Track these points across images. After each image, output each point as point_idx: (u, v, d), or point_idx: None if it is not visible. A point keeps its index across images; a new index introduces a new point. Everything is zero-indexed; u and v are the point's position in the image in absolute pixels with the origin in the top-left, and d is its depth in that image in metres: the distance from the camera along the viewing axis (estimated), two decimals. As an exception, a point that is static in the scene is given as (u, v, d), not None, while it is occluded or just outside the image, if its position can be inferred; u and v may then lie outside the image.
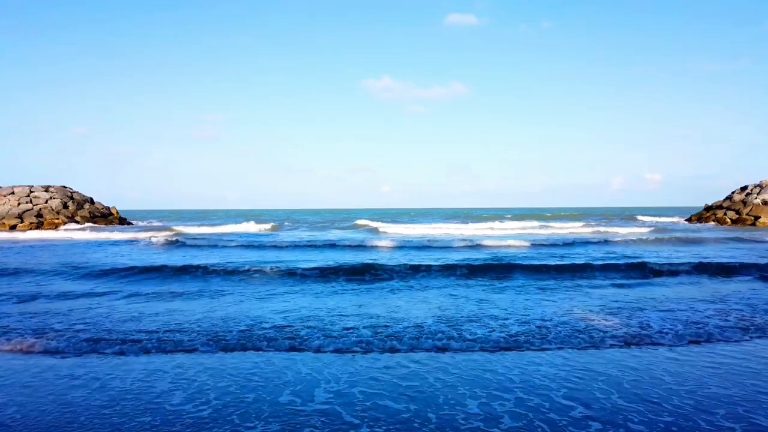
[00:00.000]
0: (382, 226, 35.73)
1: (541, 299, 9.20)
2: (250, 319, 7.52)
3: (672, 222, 43.17)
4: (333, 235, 29.13)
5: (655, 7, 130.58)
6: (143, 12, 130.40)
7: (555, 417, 4.02)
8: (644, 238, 23.39)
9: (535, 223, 38.42)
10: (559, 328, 6.81)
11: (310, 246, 20.54)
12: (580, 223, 37.48)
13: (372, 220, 44.07)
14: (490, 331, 6.68)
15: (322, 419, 4.00)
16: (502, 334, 6.54)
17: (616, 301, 8.93)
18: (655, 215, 60.31)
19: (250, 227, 37.20)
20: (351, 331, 6.74)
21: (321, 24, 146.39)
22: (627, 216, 58.96)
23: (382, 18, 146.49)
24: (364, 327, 6.94)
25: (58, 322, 7.34)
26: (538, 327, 6.93)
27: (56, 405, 4.29)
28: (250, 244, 22.11)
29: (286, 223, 42.73)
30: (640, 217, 52.34)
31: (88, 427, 3.88)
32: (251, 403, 4.33)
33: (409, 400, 4.38)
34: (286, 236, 27.61)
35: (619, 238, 23.12)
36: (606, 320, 7.36)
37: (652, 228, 31.51)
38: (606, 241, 21.96)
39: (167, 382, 4.84)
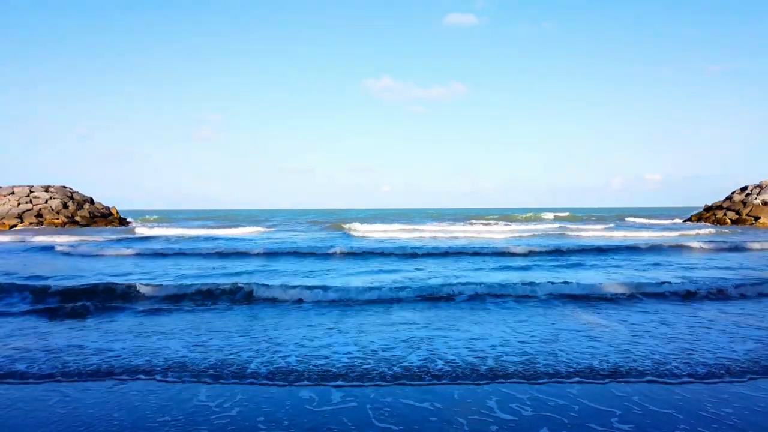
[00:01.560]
0: (366, 230, 33.12)
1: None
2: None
3: (673, 223, 43.46)
4: (310, 239, 25.62)
5: (655, 7, 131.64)
6: (144, 12, 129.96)
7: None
8: (717, 242, 20.30)
9: (554, 225, 36.48)
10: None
11: (270, 254, 17.43)
12: (600, 226, 35.42)
13: (363, 222, 43.16)
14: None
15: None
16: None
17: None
18: (656, 216, 60.67)
19: (228, 231, 32.78)
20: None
21: (321, 24, 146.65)
22: (617, 217, 59.31)
23: (382, 18, 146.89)
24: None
25: None
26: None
27: None
28: (203, 251, 18.21)
29: (269, 225, 41.63)
30: (630, 219, 52.55)
31: None
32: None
33: None
34: (260, 240, 24.87)
35: (671, 243, 20.32)
36: None
37: (707, 231, 28.96)
38: (679, 246, 19.00)
39: None
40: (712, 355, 5.66)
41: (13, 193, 38.69)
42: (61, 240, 23.35)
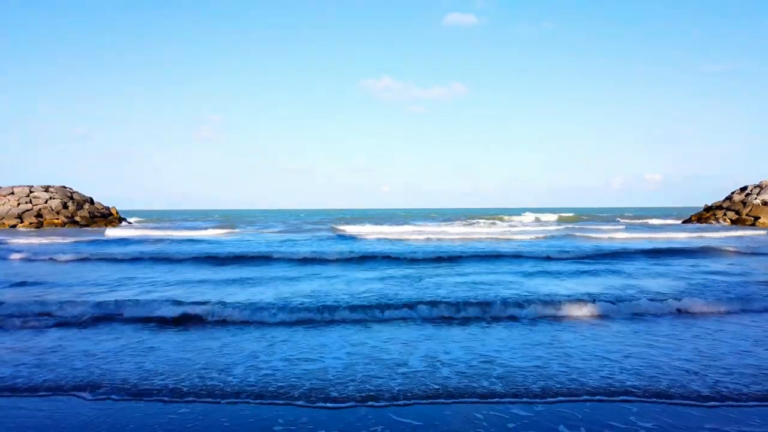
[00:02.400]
0: (361, 231, 31.64)
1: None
2: None
3: (670, 224, 43.54)
4: (296, 241, 24.16)
5: (655, 7, 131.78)
6: (143, 12, 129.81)
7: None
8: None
9: (559, 227, 34.85)
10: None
11: (236, 258, 15.75)
12: (619, 226, 33.48)
13: (361, 223, 42.62)
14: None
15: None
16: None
17: None
18: (656, 216, 60.75)
19: (208, 233, 31.70)
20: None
21: (321, 24, 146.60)
22: (608, 217, 59.33)
23: (382, 18, 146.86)
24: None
25: None
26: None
27: None
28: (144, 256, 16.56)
29: (259, 227, 40.08)
30: (638, 221, 52.63)
31: None
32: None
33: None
34: (234, 242, 23.37)
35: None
36: None
37: (740, 233, 26.74)
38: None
39: None
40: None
41: (13, 193, 38.61)
42: (15, 242, 22.18)
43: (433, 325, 7.23)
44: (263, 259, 15.80)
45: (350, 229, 33.37)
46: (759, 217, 36.16)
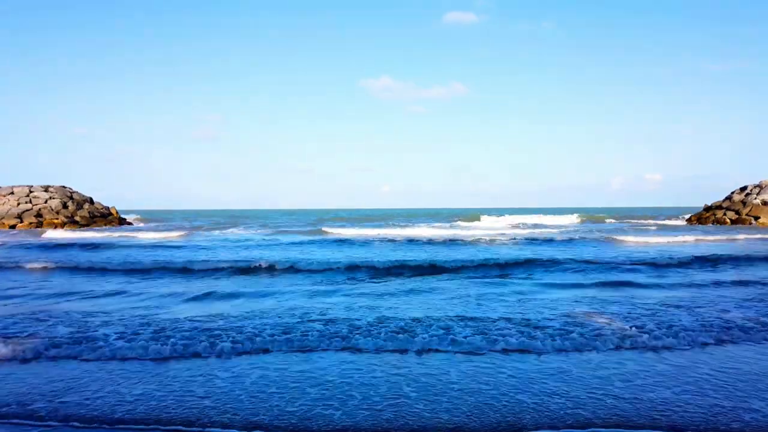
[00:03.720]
0: (349, 233, 30.29)
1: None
2: None
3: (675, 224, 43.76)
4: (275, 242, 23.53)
5: (656, 7, 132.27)
6: (143, 12, 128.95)
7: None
8: None
9: (583, 228, 31.46)
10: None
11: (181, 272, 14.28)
12: (649, 228, 31.32)
13: (349, 224, 41.63)
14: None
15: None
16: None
17: None
18: (657, 216, 61.06)
19: (170, 235, 29.88)
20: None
21: (320, 24, 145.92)
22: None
23: (381, 17, 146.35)
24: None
25: None
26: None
27: None
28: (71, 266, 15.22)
29: (243, 226, 39.50)
30: (609, 220, 52.83)
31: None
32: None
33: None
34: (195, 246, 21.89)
35: None
36: None
37: None
38: None
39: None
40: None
41: (12, 193, 38.26)
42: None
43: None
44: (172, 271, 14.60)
45: (348, 232, 32.29)
46: (759, 217, 36.50)
